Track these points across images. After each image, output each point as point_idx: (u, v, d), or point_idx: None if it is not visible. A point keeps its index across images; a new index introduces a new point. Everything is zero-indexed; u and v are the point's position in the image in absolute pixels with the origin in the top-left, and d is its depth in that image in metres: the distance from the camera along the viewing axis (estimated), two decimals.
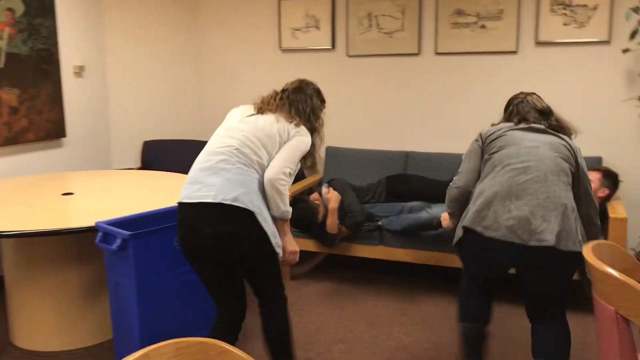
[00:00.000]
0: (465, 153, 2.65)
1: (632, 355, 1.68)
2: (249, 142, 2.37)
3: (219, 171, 2.31)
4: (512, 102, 2.75)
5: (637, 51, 3.74)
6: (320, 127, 2.62)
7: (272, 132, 2.40)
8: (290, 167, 2.36)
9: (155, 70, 4.92)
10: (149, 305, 2.53)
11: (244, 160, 2.33)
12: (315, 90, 2.65)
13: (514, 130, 2.53)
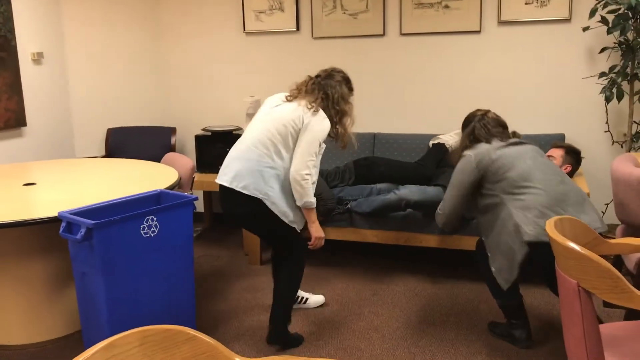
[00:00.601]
0: (455, 180, 2.82)
1: (593, 327, 1.73)
2: (267, 132, 2.77)
3: (240, 160, 2.77)
4: (471, 119, 2.94)
5: (596, 29, 3.80)
6: (350, 111, 2.93)
7: (287, 121, 2.76)
8: (310, 159, 2.74)
9: (117, 56, 4.82)
10: (117, 294, 2.50)
11: (261, 151, 2.75)
12: (344, 78, 2.95)
13: (503, 148, 2.74)
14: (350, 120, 2.93)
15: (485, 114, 2.90)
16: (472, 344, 2.93)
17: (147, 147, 4.72)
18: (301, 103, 2.82)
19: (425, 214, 3.63)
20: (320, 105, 2.83)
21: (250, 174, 2.72)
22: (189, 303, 2.81)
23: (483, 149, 2.76)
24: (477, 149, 2.78)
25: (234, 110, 4.84)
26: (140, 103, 4.96)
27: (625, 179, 2.69)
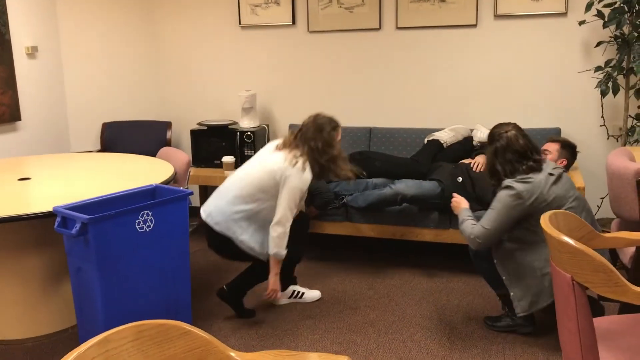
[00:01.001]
0: (499, 215, 2.66)
1: (587, 321, 1.73)
2: (251, 177, 3.00)
3: (220, 197, 3.06)
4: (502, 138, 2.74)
5: (592, 23, 3.80)
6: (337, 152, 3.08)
7: (270, 170, 2.97)
8: (288, 211, 2.96)
9: (113, 49, 4.80)
10: (112, 289, 2.50)
11: (239, 193, 2.99)
12: (324, 124, 3.07)
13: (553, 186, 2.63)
14: (341, 158, 3.10)
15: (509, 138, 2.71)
16: (468, 337, 2.94)
17: (143, 141, 4.71)
18: (287, 156, 3.00)
19: (421, 208, 3.63)
20: (307, 158, 3.00)
21: (222, 213, 3.00)
22: (184, 298, 2.82)
23: (536, 184, 2.61)
24: (527, 182, 2.62)
25: (229, 105, 4.83)
26: (135, 97, 4.95)
27: (620, 173, 2.69)
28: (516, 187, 2.62)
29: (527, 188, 2.61)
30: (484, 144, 3.89)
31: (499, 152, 2.73)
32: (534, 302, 2.69)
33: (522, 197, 2.61)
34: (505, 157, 2.71)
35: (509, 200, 2.63)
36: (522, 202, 2.61)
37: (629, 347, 1.84)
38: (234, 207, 3.00)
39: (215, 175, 4.32)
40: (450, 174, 3.63)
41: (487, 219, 2.69)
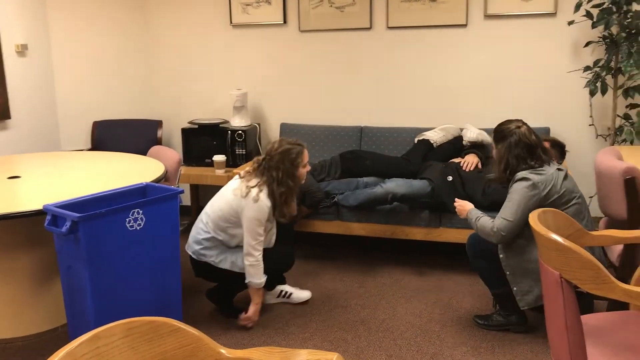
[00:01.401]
0: (518, 207, 2.66)
1: (575, 318, 1.75)
2: (214, 208, 3.05)
3: (196, 226, 3.14)
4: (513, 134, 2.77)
5: (581, 23, 3.83)
6: (298, 179, 3.06)
7: (227, 202, 3.00)
8: (256, 242, 2.97)
9: (103, 48, 4.78)
10: (103, 288, 2.50)
11: (211, 222, 3.04)
12: (285, 152, 3.01)
13: (564, 180, 2.69)
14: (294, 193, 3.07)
15: (522, 134, 2.76)
16: (458, 335, 2.95)
17: (133, 140, 4.70)
18: (241, 186, 2.99)
19: (412, 207, 3.65)
20: (264, 187, 2.97)
21: (197, 242, 3.08)
22: (175, 296, 2.81)
23: (549, 176, 2.67)
24: (541, 174, 2.67)
25: (221, 104, 4.83)
26: (126, 96, 4.93)
27: (608, 172, 2.72)
28: (531, 178, 2.66)
29: (542, 179, 2.65)
30: (473, 144, 3.91)
31: (512, 147, 2.76)
32: (540, 297, 2.71)
33: (538, 187, 2.64)
34: (519, 151, 2.75)
35: (526, 191, 2.65)
36: (538, 193, 2.64)
37: (616, 343, 1.86)
38: (207, 235, 3.05)
39: (206, 174, 4.32)
40: (441, 173, 3.65)
41: (508, 211, 2.69)
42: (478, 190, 3.51)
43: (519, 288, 2.75)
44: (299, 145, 3.05)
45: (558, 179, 2.68)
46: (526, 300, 2.75)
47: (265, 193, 2.96)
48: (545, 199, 2.65)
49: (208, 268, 3.10)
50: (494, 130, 2.88)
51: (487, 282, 2.97)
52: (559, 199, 2.66)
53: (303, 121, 4.63)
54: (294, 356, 1.30)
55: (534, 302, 2.74)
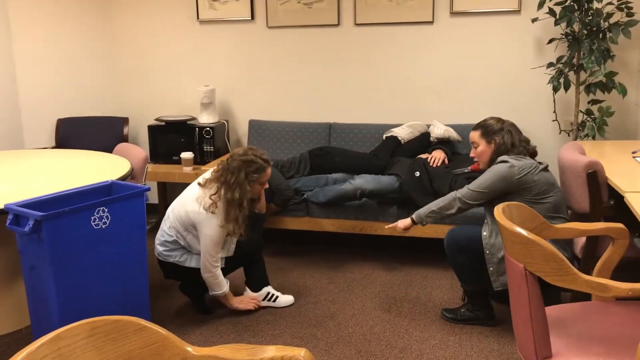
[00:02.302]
0: (488, 182, 2.76)
1: (539, 309, 1.79)
2: (175, 213, 3.02)
3: (162, 226, 3.11)
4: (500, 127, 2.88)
5: (544, 20, 3.89)
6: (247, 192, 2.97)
7: (185, 211, 2.96)
8: (209, 257, 2.97)
9: (67, 44, 4.68)
10: (67, 288, 2.45)
11: (174, 225, 3.03)
12: (246, 162, 2.94)
13: (543, 172, 2.76)
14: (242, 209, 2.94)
15: (509, 124, 2.89)
16: (426, 329, 2.98)
17: (99, 137, 4.62)
18: (200, 194, 2.95)
19: (380, 202, 3.67)
20: (220, 195, 2.92)
21: (162, 244, 3.08)
22: (142, 295, 2.78)
23: (528, 163, 2.74)
24: (521, 160, 2.75)
25: (188, 100, 4.78)
26: (91, 93, 4.84)
27: (571, 167, 2.77)
28: (511, 161, 2.74)
29: (521, 164, 2.72)
30: (440, 140, 3.95)
31: (513, 133, 2.86)
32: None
33: (514, 171, 2.70)
34: (512, 140, 2.85)
35: (502, 169, 2.73)
36: (512, 175, 2.69)
37: (579, 333, 1.90)
38: (170, 238, 3.04)
39: (174, 171, 4.27)
40: (409, 169, 3.68)
41: (476, 183, 2.81)
42: (445, 186, 3.54)
43: (494, 268, 2.78)
44: (264, 161, 2.99)
45: (537, 169, 2.73)
46: (501, 281, 2.79)
47: (220, 206, 2.91)
48: (519, 182, 2.70)
49: (175, 269, 3.08)
50: (479, 127, 2.92)
51: (462, 277, 2.99)
52: (534, 187, 2.69)
53: (272, 118, 4.61)
54: (261, 352, 1.30)
55: (507, 284, 2.76)
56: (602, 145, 3.45)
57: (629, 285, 1.67)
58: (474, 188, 2.80)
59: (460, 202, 2.86)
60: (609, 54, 3.59)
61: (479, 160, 2.94)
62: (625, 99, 3.81)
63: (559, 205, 2.73)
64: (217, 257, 3.01)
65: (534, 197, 2.69)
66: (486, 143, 2.87)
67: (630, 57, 3.89)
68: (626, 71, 3.89)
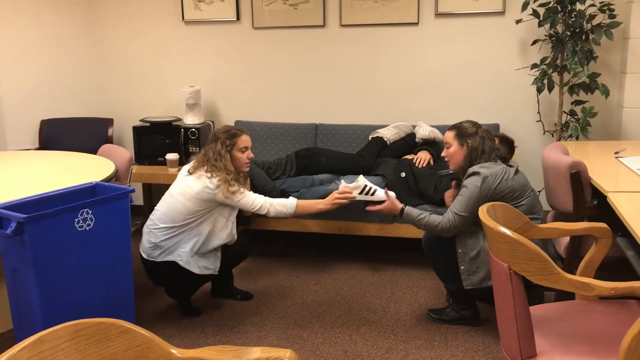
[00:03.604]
0: (470, 201, 2.74)
1: (523, 308, 1.80)
2: (176, 207, 2.99)
3: (152, 230, 3.06)
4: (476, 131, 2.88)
5: (528, 22, 3.92)
6: (232, 160, 3.04)
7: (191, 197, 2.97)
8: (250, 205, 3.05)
9: (51, 44, 4.64)
10: (51, 291, 2.42)
11: (173, 222, 3.01)
12: (223, 132, 3.06)
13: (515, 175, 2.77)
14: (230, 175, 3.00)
15: (484, 129, 2.89)
16: (412, 329, 2.99)
17: (83, 139, 4.58)
18: (195, 179, 3.00)
19: (366, 203, 3.67)
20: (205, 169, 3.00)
21: (158, 247, 3.04)
22: (127, 298, 2.76)
23: (499, 170, 2.74)
24: (491, 168, 2.75)
25: (173, 101, 4.75)
26: (75, 93, 4.80)
27: (554, 167, 2.79)
28: (482, 172, 2.73)
29: (491, 172, 2.72)
30: (426, 140, 3.97)
31: (485, 139, 2.85)
32: (485, 279, 2.77)
33: (488, 181, 2.71)
34: (490, 144, 2.85)
35: (477, 185, 2.72)
36: (489, 186, 2.70)
37: (562, 332, 1.92)
38: (169, 237, 3.02)
39: (159, 172, 4.25)
40: (394, 170, 3.68)
41: (461, 205, 2.75)
42: (430, 186, 3.56)
43: (466, 267, 2.81)
44: (238, 130, 3.09)
45: (509, 174, 2.74)
46: (471, 280, 2.80)
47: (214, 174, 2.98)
48: (496, 192, 2.71)
49: (167, 269, 3.04)
50: (454, 128, 2.91)
51: (442, 277, 3.01)
52: (509, 193, 2.71)
53: (258, 118, 4.60)
54: (246, 354, 1.29)
55: (478, 284, 2.79)
56: (586, 146, 3.48)
57: (611, 284, 1.68)
58: (462, 211, 2.75)
59: (454, 231, 2.78)
60: (592, 55, 3.62)
61: (450, 161, 2.94)
62: (608, 100, 3.85)
63: (533, 206, 2.76)
64: (258, 200, 3.05)
65: (510, 203, 2.69)
66: (459, 145, 2.88)
67: (613, 59, 3.93)
68: (609, 72, 3.94)
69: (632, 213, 2.16)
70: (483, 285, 2.79)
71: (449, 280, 2.98)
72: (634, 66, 3.76)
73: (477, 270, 2.79)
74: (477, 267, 2.79)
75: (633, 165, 2.84)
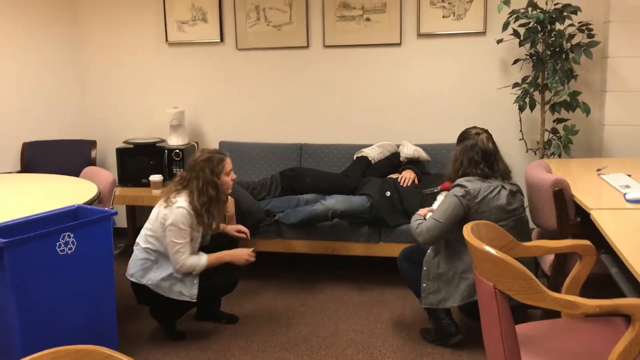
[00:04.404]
0: (444, 213, 2.74)
1: (509, 327, 1.79)
2: (147, 230, 3.01)
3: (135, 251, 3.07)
4: (468, 139, 2.87)
5: (509, 42, 3.97)
6: (221, 187, 3.01)
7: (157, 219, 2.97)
8: (172, 250, 2.93)
9: (34, 65, 4.61)
10: (31, 317, 2.38)
11: (148, 245, 3.00)
12: (205, 161, 2.99)
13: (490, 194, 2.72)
14: (219, 203, 3.02)
15: (480, 140, 2.84)
16: (399, 350, 2.97)
17: (66, 161, 4.54)
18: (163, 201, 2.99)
19: (351, 223, 3.67)
20: (187, 196, 2.95)
21: (135, 264, 3.04)
22: (110, 322, 2.72)
23: (484, 187, 2.72)
24: (476, 184, 2.74)
25: (157, 122, 4.74)
26: (58, 115, 4.77)
27: (537, 184, 2.81)
28: (466, 185, 2.72)
29: (475, 188, 2.71)
30: (410, 160, 3.98)
31: (467, 149, 2.83)
32: (444, 300, 2.80)
33: (468, 196, 2.70)
34: (472, 155, 2.82)
35: (456, 198, 2.72)
36: (469, 202, 2.70)
37: (549, 350, 1.91)
38: (144, 257, 3.01)
39: (143, 194, 4.21)
40: (379, 189, 3.69)
41: (439, 213, 2.76)
42: (415, 205, 3.56)
43: (427, 285, 2.84)
44: (220, 153, 3.05)
45: (496, 195, 2.71)
46: (429, 300, 2.83)
47: (185, 198, 2.94)
48: (477, 210, 2.70)
49: (149, 291, 3.01)
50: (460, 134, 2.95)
51: (417, 293, 2.99)
52: (488, 214, 2.69)
53: (242, 139, 4.60)
54: None
55: (435, 304, 2.82)
56: (568, 163, 3.51)
57: (596, 302, 1.68)
58: (439, 218, 2.75)
59: (427, 236, 2.77)
60: (572, 74, 3.68)
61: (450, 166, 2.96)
62: (589, 118, 3.90)
63: (513, 228, 2.71)
64: (181, 244, 2.93)
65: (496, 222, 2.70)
66: (455, 149, 2.92)
67: (593, 77, 3.99)
68: (589, 90, 3.99)
69: (615, 230, 2.17)
70: (440, 307, 2.82)
71: (420, 295, 2.96)
72: (614, 84, 3.82)
73: (438, 290, 2.81)
74: (437, 287, 2.82)
75: (615, 182, 2.86)
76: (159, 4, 4.60)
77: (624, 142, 3.85)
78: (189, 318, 3.37)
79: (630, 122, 3.83)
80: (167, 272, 2.97)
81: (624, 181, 2.86)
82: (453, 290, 2.79)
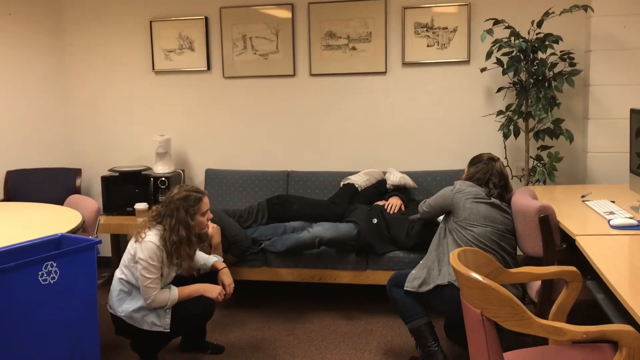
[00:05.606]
0: (435, 201, 3.12)
1: (497, 354, 1.78)
2: (123, 261, 2.99)
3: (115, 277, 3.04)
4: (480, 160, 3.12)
5: (493, 70, 4.03)
6: (194, 228, 2.96)
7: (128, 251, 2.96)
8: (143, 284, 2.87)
9: (17, 93, 4.60)
10: (11, 349, 2.32)
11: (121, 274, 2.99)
12: (182, 199, 2.93)
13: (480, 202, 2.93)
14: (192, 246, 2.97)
15: (494, 162, 3.09)
16: None
17: (50, 190, 4.50)
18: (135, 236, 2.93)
19: (339, 250, 3.65)
20: (158, 230, 2.91)
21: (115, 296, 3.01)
22: (92, 354, 2.66)
23: (473, 191, 2.95)
24: (467, 184, 3.00)
25: (143, 150, 4.72)
26: (42, 143, 4.74)
27: (523, 211, 2.82)
28: (458, 184, 3.02)
29: (462, 188, 2.97)
30: (397, 187, 3.99)
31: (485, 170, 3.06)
32: (424, 283, 2.89)
33: (453, 190, 2.98)
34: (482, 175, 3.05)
35: (446, 190, 3.04)
36: (451, 195, 2.97)
37: None
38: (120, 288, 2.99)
39: (128, 223, 4.17)
40: (366, 216, 3.68)
41: (432, 199, 3.15)
42: (402, 232, 3.56)
43: (416, 272, 2.95)
44: (198, 192, 2.97)
45: (476, 203, 2.89)
46: (411, 283, 2.92)
47: (156, 233, 2.89)
48: (452, 204, 2.95)
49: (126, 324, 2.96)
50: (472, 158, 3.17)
51: (403, 316, 2.99)
52: (461, 212, 2.89)
53: (229, 167, 4.59)
54: None
55: (417, 287, 2.90)
56: (553, 190, 3.54)
57: (583, 328, 1.68)
58: (431, 202, 3.15)
59: (421, 213, 3.27)
60: (555, 101, 3.73)
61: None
62: (572, 145, 3.94)
63: (482, 238, 2.85)
64: (151, 280, 2.86)
65: (461, 221, 2.88)
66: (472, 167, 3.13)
67: (575, 105, 4.05)
68: (572, 118, 4.05)
69: (601, 256, 2.18)
70: (420, 290, 2.87)
71: (410, 318, 2.94)
72: (596, 112, 3.88)
73: (419, 276, 2.92)
74: (421, 273, 2.94)
75: (599, 209, 2.88)
76: (145, 32, 4.62)
77: (607, 168, 3.89)
78: (174, 349, 3.31)
79: (613, 149, 3.88)
80: (139, 303, 2.91)
81: (609, 207, 2.88)
82: (431, 273, 2.90)
